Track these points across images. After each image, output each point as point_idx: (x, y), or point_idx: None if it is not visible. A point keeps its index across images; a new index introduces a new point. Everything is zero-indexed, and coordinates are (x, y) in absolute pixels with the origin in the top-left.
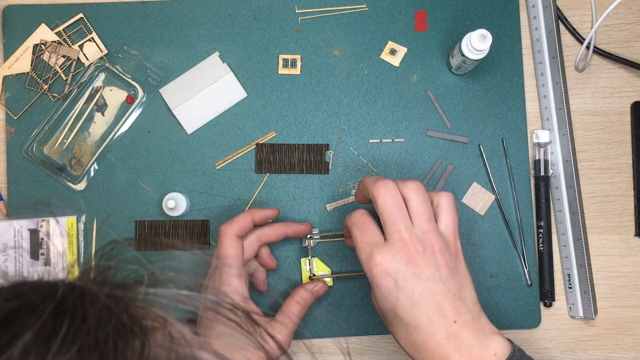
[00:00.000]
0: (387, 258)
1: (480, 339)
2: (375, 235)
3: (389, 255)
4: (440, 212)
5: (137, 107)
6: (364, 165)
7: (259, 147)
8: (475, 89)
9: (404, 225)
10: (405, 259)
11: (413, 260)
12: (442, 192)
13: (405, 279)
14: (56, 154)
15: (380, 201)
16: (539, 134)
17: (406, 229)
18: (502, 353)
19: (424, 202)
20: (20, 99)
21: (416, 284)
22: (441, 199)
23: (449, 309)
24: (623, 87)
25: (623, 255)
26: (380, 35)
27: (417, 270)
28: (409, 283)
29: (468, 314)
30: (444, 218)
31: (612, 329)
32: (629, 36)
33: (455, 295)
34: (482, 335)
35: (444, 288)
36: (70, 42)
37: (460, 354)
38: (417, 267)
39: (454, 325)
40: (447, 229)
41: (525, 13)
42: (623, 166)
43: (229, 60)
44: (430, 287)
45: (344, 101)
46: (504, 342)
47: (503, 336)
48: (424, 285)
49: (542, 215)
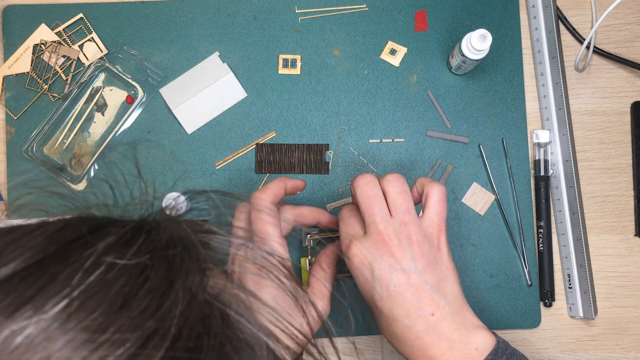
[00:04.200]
0: (362, 249)
1: (461, 332)
2: (356, 227)
3: (365, 247)
4: (428, 205)
5: (137, 107)
6: (364, 165)
7: (259, 147)
8: (475, 89)
9: (380, 217)
10: (381, 251)
11: (389, 252)
12: (434, 184)
13: (380, 270)
14: (56, 154)
15: (359, 194)
16: (539, 134)
17: (382, 220)
18: (484, 347)
19: (402, 194)
20: (20, 99)
21: (391, 275)
22: (431, 191)
23: (426, 301)
24: (623, 87)
25: (623, 255)
26: (380, 35)
27: (392, 261)
28: (384, 274)
29: (447, 307)
30: (430, 211)
31: (612, 329)
32: (628, 36)
33: (433, 287)
34: (463, 329)
35: (421, 280)
36: (70, 42)
37: (438, 346)
38: (392, 258)
39: (432, 318)
40: (431, 221)
41: (525, 13)
42: (623, 166)
43: (229, 60)
44: (405, 279)
45: (344, 101)
46: (488, 337)
47: (488, 330)
48: (399, 276)
49: (542, 215)
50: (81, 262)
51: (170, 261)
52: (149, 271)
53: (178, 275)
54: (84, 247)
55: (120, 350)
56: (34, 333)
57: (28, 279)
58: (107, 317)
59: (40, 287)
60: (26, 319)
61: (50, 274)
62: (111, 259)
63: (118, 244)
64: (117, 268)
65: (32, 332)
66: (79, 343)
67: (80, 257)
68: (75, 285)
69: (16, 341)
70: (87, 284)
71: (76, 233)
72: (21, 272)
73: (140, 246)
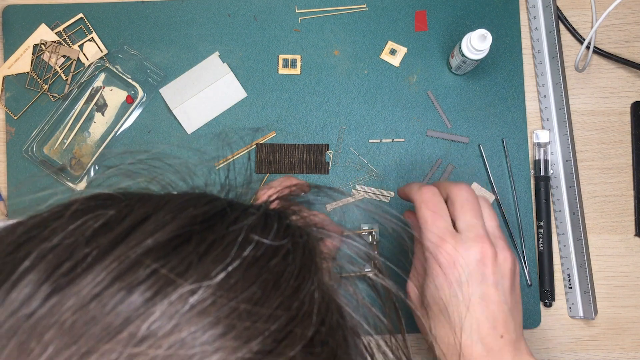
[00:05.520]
0: (460, 250)
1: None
2: (448, 221)
3: (463, 248)
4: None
5: (137, 107)
6: (364, 165)
7: (259, 147)
8: (475, 89)
9: (481, 224)
10: (478, 257)
11: (484, 261)
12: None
13: (471, 277)
14: (56, 154)
15: (460, 192)
16: (539, 134)
17: (483, 227)
18: None
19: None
20: (20, 99)
21: (479, 286)
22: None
23: (500, 322)
24: (623, 87)
25: (623, 255)
26: (380, 35)
27: (485, 272)
28: (473, 282)
29: (514, 333)
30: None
31: (612, 329)
32: (629, 36)
33: (510, 310)
34: (518, 357)
35: (502, 299)
36: (70, 42)
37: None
38: (486, 269)
39: (500, 340)
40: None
41: (525, 13)
42: (623, 166)
43: (229, 60)
44: (490, 294)
45: (344, 101)
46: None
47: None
48: (485, 289)
49: (542, 215)
50: (233, 236)
51: (304, 248)
52: (291, 255)
53: (312, 262)
54: (224, 222)
55: (275, 325)
56: (203, 297)
57: (185, 246)
58: (264, 292)
59: (201, 254)
60: (195, 282)
61: (206, 244)
62: (257, 237)
63: (259, 225)
64: (264, 247)
65: (203, 296)
66: (241, 313)
67: (227, 231)
68: (234, 257)
69: (190, 301)
70: (243, 258)
71: (219, 208)
72: (176, 239)
73: (277, 230)
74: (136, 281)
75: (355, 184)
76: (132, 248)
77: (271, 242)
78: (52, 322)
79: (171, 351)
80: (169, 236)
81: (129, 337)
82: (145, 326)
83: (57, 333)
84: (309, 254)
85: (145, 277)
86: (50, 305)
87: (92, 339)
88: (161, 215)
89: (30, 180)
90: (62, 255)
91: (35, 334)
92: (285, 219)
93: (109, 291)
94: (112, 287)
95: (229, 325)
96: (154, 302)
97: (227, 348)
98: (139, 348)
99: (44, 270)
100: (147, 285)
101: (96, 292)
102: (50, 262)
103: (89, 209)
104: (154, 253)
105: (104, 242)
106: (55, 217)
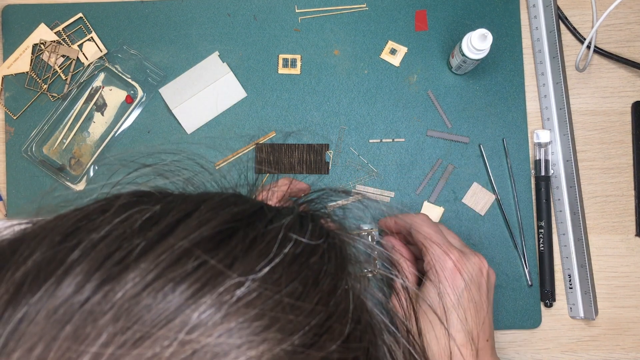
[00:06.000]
0: (463, 260)
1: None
2: (457, 242)
3: (466, 259)
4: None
5: (137, 107)
6: (364, 165)
7: (259, 147)
8: (475, 89)
9: (472, 250)
10: (477, 268)
11: (482, 272)
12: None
13: (472, 285)
14: (55, 154)
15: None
16: (540, 133)
17: (467, 246)
18: None
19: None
20: (20, 99)
21: (476, 294)
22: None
23: (487, 327)
24: (624, 87)
25: (624, 255)
26: (380, 35)
27: (481, 282)
28: (472, 290)
29: (493, 339)
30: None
31: (613, 330)
32: (629, 36)
33: (490, 318)
34: (494, 358)
35: (489, 308)
36: (70, 41)
37: None
38: (482, 279)
39: (486, 344)
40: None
41: (526, 13)
42: (624, 166)
43: (229, 60)
44: (482, 302)
45: (344, 101)
46: None
47: None
48: (479, 297)
49: (543, 215)
50: (274, 234)
51: (338, 249)
52: (326, 254)
53: (345, 263)
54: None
55: (315, 320)
56: (249, 290)
57: (229, 241)
58: (305, 288)
59: (246, 249)
60: (242, 275)
61: (249, 240)
62: (296, 236)
63: (296, 225)
64: (302, 246)
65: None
66: (285, 307)
67: (266, 229)
68: (276, 253)
69: (237, 293)
70: (284, 254)
71: (256, 207)
72: (219, 234)
73: (312, 230)
74: (185, 272)
75: (356, 184)
76: (180, 240)
77: (309, 241)
78: (107, 308)
79: (221, 340)
80: (214, 231)
81: (181, 325)
82: (196, 315)
83: (112, 319)
84: (341, 255)
85: (194, 268)
86: (103, 293)
87: (146, 325)
88: (204, 211)
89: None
90: (112, 245)
91: (90, 320)
92: (318, 221)
93: (160, 280)
94: (163, 277)
95: (273, 317)
96: (203, 293)
97: (271, 340)
98: (191, 335)
99: (95, 260)
100: (196, 276)
101: (148, 281)
102: (101, 252)
103: (133, 203)
104: (202, 246)
105: (152, 235)
106: (101, 210)
